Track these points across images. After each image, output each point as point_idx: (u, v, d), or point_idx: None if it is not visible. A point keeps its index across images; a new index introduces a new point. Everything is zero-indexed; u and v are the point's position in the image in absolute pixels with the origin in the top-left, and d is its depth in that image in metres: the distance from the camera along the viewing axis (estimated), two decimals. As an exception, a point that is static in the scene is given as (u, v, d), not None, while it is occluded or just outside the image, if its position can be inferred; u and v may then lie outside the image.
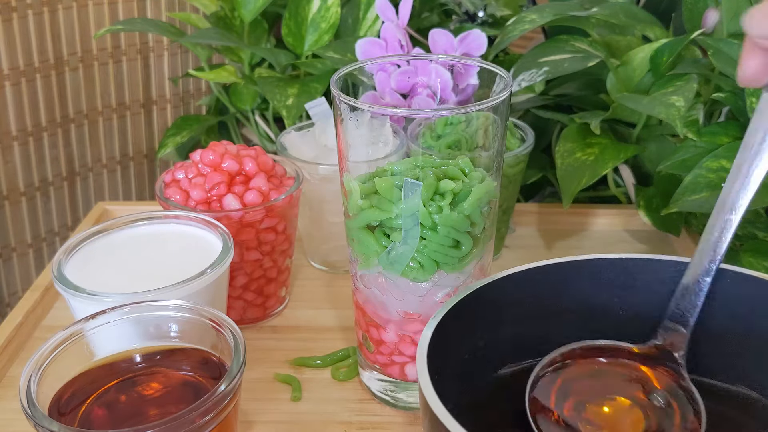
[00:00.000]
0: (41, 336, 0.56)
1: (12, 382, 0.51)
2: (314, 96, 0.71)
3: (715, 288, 0.39)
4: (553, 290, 0.41)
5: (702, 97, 0.64)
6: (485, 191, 0.42)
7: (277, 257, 0.55)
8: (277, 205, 0.53)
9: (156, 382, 0.39)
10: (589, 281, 0.41)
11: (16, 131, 0.92)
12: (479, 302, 0.39)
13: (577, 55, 0.65)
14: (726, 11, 0.62)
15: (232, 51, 0.82)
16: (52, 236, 1.00)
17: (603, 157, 0.63)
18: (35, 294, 0.58)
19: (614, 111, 0.65)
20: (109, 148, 1.03)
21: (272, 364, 0.52)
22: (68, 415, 0.37)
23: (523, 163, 0.61)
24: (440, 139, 0.49)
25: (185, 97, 1.06)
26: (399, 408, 0.48)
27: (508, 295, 0.40)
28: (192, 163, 0.54)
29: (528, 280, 0.41)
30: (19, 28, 0.89)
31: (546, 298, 0.41)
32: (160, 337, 0.41)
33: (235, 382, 0.36)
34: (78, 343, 0.39)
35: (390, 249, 0.42)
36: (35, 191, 0.96)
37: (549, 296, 0.41)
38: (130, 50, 0.99)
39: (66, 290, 0.43)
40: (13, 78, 0.90)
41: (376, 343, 0.47)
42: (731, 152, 0.57)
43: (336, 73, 0.44)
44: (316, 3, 0.78)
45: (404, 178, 0.41)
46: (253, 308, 0.56)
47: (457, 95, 0.56)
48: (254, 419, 0.48)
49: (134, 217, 0.51)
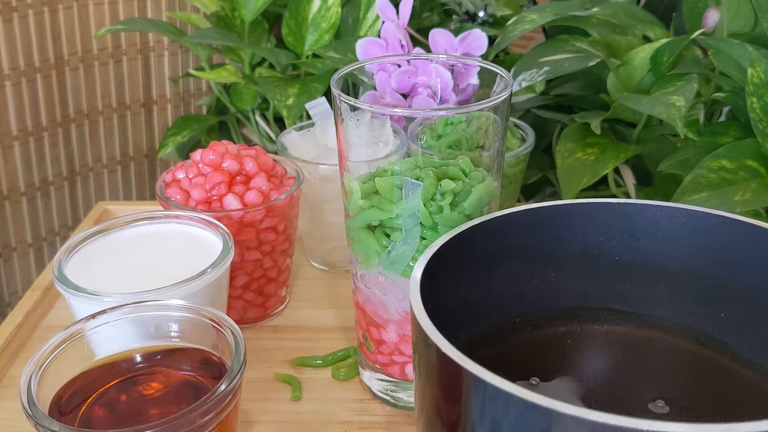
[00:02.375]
0: (42, 336, 0.56)
1: (12, 381, 0.51)
2: (315, 96, 0.71)
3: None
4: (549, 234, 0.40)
5: (702, 96, 0.64)
6: (486, 191, 0.42)
7: (278, 257, 0.55)
8: (277, 205, 0.53)
9: (156, 382, 0.39)
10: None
11: (17, 131, 0.92)
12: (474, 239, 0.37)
13: (577, 54, 0.65)
14: (726, 11, 0.62)
15: (233, 51, 0.82)
16: (53, 236, 1.00)
17: (603, 157, 0.63)
18: (36, 294, 0.58)
19: (615, 111, 0.65)
20: (109, 148, 1.03)
21: (272, 363, 0.53)
22: (69, 414, 0.37)
23: (524, 163, 0.61)
24: (441, 139, 0.49)
25: (186, 97, 1.06)
26: (399, 408, 0.48)
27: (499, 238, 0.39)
28: (192, 163, 0.54)
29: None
30: (20, 27, 0.89)
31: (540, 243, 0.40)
32: (161, 336, 0.41)
33: (235, 382, 0.36)
34: (78, 342, 0.39)
35: (390, 249, 0.42)
36: (36, 191, 0.96)
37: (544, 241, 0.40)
38: (131, 50, 0.99)
39: (66, 290, 0.43)
40: (13, 78, 0.90)
41: (376, 343, 0.47)
42: (732, 152, 0.57)
43: (336, 72, 0.44)
44: (316, 3, 0.78)
45: (405, 178, 0.41)
46: (254, 308, 0.56)
47: (458, 95, 0.56)
48: (254, 419, 0.48)
49: (135, 216, 0.51)
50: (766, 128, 0.56)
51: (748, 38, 0.61)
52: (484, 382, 0.26)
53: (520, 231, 0.38)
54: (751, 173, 0.56)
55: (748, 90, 0.56)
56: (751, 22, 0.62)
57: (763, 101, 0.56)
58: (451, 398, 0.29)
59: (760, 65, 0.56)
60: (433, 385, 0.30)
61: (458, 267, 0.37)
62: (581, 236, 0.39)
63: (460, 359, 0.27)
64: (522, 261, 0.39)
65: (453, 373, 0.28)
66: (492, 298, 0.39)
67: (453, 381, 0.28)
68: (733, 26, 0.62)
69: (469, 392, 0.27)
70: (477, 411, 0.27)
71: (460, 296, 0.37)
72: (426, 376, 0.30)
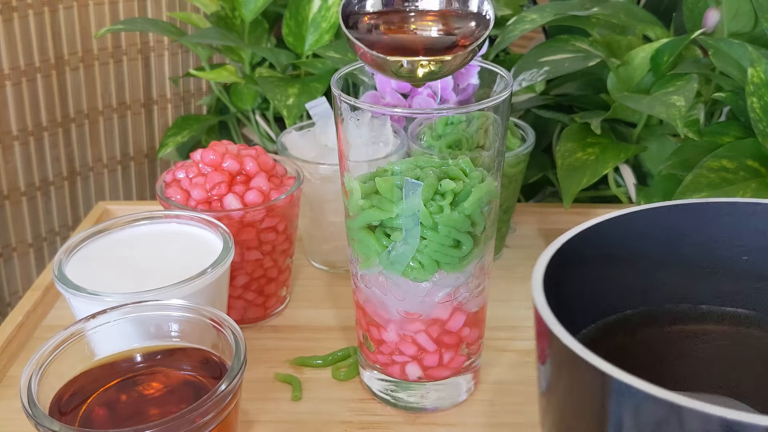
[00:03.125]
0: (42, 336, 0.56)
1: (13, 381, 0.51)
2: (315, 96, 0.71)
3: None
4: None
5: (702, 96, 0.64)
6: (486, 191, 0.42)
7: (278, 257, 0.55)
8: (277, 205, 0.53)
9: (157, 382, 0.39)
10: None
11: (17, 131, 0.92)
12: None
13: (577, 54, 0.65)
14: (727, 11, 0.62)
15: (233, 51, 0.82)
16: (53, 236, 1.00)
17: (603, 157, 0.63)
18: (36, 293, 0.58)
19: (615, 111, 0.65)
20: (109, 148, 1.03)
21: (273, 363, 0.53)
22: (69, 414, 0.37)
23: (524, 163, 0.61)
24: (441, 139, 0.49)
25: (186, 97, 1.06)
26: (399, 408, 0.48)
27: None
28: (192, 163, 0.54)
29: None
30: (20, 27, 0.89)
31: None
32: (161, 336, 0.41)
33: (235, 382, 0.36)
34: (79, 342, 0.39)
35: (390, 249, 0.42)
36: (36, 191, 0.96)
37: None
38: (131, 50, 0.99)
39: (67, 290, 0.43)
40: (13, 78, 0.90)
41: (376, 343, 0.47)
42: (732, 152, 0.57)
43: (336, 72, 0.44)
44: (316, 3, 0.78)
45: (405, 178, 0.41)
46: (254, 308, 0.56)
47: (458, 95, 0.56)
48: (255, 419, 0.48)
49: (135, 216, 0.51)
50: (766, 128, 0.56)
51: (748, 38, 0.61)
52: (632, 387, 0.26)
53: (644, 229, 0.38)
54: (752, 173, 0.56)
55: (748, 90, 0.56)
56: (751, 22, 0.62)
57: (763, 101, 0.56)
58: (585, 406, 0.29)
59: (760, 65, 0.56)
60: (564, 391, 0.30)
61: (580, 263, 0.36)
62: (707, 235, 0.39)
63: (593, 359, 0.27)
64: (645, 259, 0.39)
65: (587, 376, 0.28)
66: (613, 294, 0.39)
67: (585, 382, 0.28)
68: (733, 26, 0.62)
69: (607, 394, 0.27)
70: (611, 410, 0.27)
71: (582, 292, 0.37)
72: (553, 372, 0.30)
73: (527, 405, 0.49)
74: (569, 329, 0.29)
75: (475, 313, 0.46)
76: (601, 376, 0.27)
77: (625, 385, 0.26)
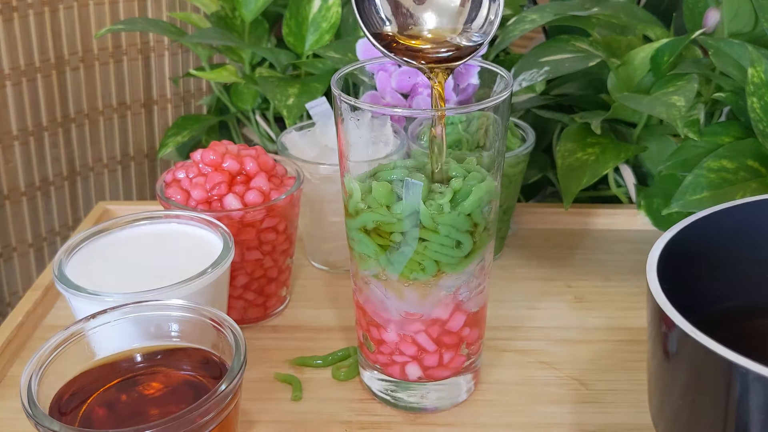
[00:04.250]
0: (42, 335, 0.56)
1: (13, 381, 0.51)
2: (315, 96, 0.71)
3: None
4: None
5: (703, 96, 0.64)
6: (486, 191, 0.42)
7: (278, 257, 0.55)
8: (277, 205, 0.53)
9: (157, 382, 0.39)
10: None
11: (17, 131, 0.92)
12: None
13: (577, 54, 0.65)
14: (727, 11, 0.62)
15: (233, 51, 0.82)
16: (53, 236, 1.00)
17: (603, 157, 0.63)
18: (36, 293, 0.58)
19: (615, 111, 0.65)
20: (109, 148, 1.03)
21: (273, 363, 0.53)
22: (69, 414, 0.37)
23: (524, 163, 0.61)
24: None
25: (186, 97, 1.06)
26: (399, 408, 0.48)
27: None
28: (193, 163, 0.54)
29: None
30: (20, 27, 0.89)
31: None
32: (161, 336, 0.41)
33: (235, 382, 0.36)
34: (79, 342, 0.39)
35: (390, 249, 0.42)
36: (36, 191, 0.96)
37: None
38: (131, 50, 0.99)
39: (67, 290, 0.43)
40: (13, 77, 0.90)
41: (376, 343, 0.47)
42: (732, 152, 0.57)
43: (337, 72, 0.44)
44: (316, 3, 0.78)
45: (405, 178, 0.41)
46: (254, 308, 0.56)
47: (458, 95, 0.56)
48: (255, 419, 0.48)
49: (135, 216, 0.51)
50: (766, 128, 0.56)
51: (749, 38, 0.61)
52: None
53: (760, 220, 0.39)
54: (752, 173, 0.56)
55: (749, 90, 0.56)
56: (751, 22, 0.62)
57: (763, 101, 0.56)
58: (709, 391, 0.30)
59: (761, 65, 0.56)
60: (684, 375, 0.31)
61: (695, 253, 0.37)
62: None
63: (717, 348, 0.28)
64: (761, 249, 0.39)
65: (711, 365, 0.29)
66: (725, 284, 0.39)
67: (709, 370, 0.29)
68: (734, 26, 0.62)
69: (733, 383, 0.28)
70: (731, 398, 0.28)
71: (694, 282, 0.37)
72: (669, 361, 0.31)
73: (527, 405, 0.49)
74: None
75: (475, 313, 0.46)
76: (727, 364, 0.28)
77: (754, 374, 0.27)
